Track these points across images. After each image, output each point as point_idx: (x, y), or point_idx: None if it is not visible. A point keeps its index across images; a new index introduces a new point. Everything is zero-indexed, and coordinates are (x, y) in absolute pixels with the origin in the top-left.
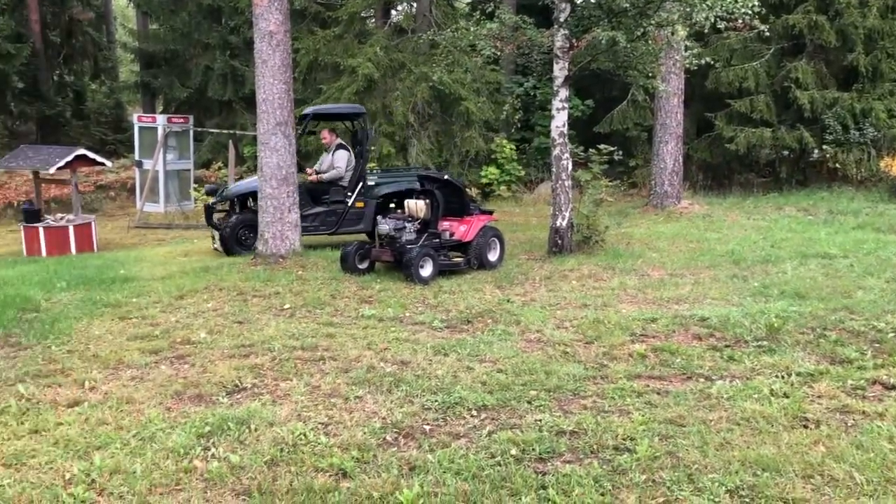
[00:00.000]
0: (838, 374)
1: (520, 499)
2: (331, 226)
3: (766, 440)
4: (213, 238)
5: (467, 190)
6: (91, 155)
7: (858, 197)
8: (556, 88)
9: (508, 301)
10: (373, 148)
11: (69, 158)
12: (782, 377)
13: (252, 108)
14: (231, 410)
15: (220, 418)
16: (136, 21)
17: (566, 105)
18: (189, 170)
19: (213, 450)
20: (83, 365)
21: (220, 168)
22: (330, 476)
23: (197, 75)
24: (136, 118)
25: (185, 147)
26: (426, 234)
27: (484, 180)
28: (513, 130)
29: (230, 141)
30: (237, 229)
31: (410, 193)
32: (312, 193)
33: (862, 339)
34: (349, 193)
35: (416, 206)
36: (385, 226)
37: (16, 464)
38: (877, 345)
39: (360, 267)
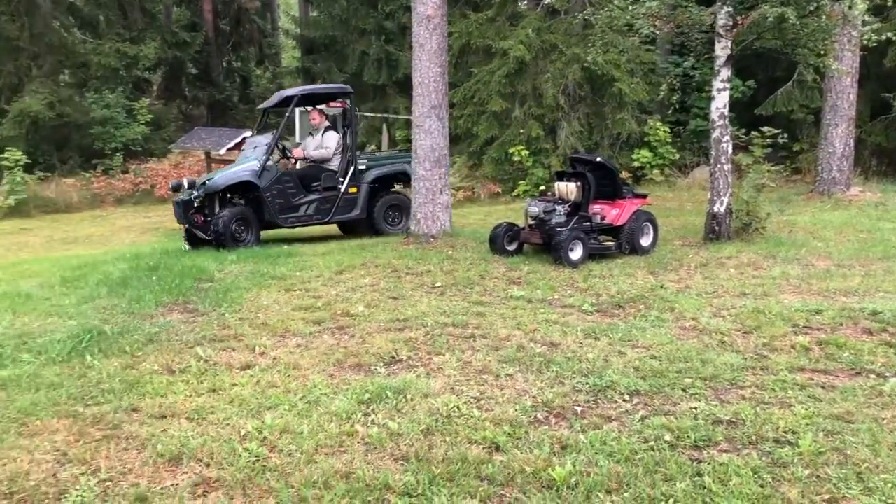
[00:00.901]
0: None
1: (674, 484)
2: (325, 214)
3: None
4: (185, 237)
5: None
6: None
7: None
8: (716, 68)
9: (662, 287)
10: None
11: (238, 140)
12: None
13: (404, 92)
14: (388, 380)
15: (379, 387)
16: (298, 8)
17: (727, 86)
18: None
19: (372, 416)
20: (253, 332)
21: (372, 150)
22: (483, 448)
23: (353, 60)
24: None
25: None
26: (576, 217)
27: (636, 164)
28: (668, 112)
29: (383, 124)
30: (231, 223)
31: (403, 177)
32: (303, 181)
33: None
34: (341, 179)
35: (567, 188)
36: (535, 208)
37: (197, 419)
38: None
39: (509, 249)
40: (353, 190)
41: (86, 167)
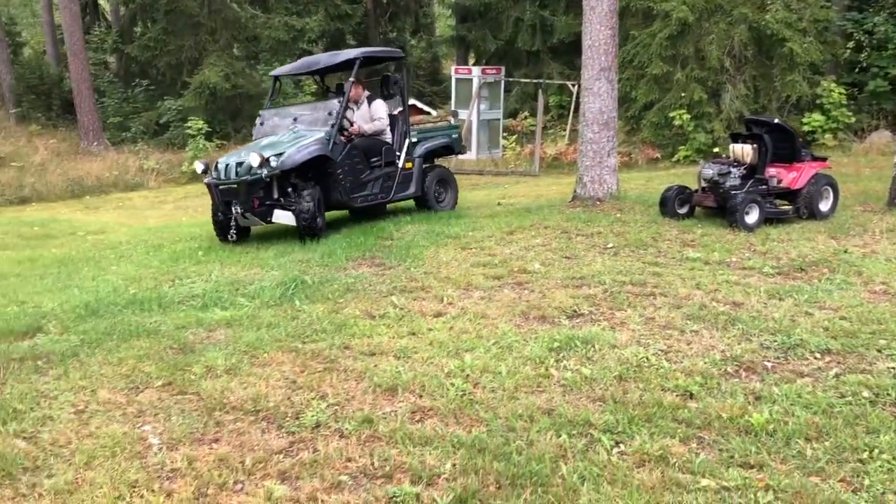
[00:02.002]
0: None
1: (877, 436)
2: (388, 192)
3: None
4: (233, 225)
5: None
6: (419, 105)
7: None
8: None
9: (846, 252)
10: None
11: (400, 108)
12: None
13: (558, 58)
14: (574, 331)
15: (567, 337)
16: None
17: None
18: (499, 119)
19: (564, 362)
20: (439, 284)
21: (526, 117)
22: (676, 395)
23: (508, 27)
24: (454, 70)
25: (496, 97)
26: (752, 181)
27: (806, 128)
28: (843, 73)
29: (539, 90)
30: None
31: (445, 151)
32: (367, 155)
33: None
34: (398, 153)
35: (743, 150)
36: (709, 170)
37: (403, 357)
38: None
39: (680, 212)
40: (409, 165)
41: None
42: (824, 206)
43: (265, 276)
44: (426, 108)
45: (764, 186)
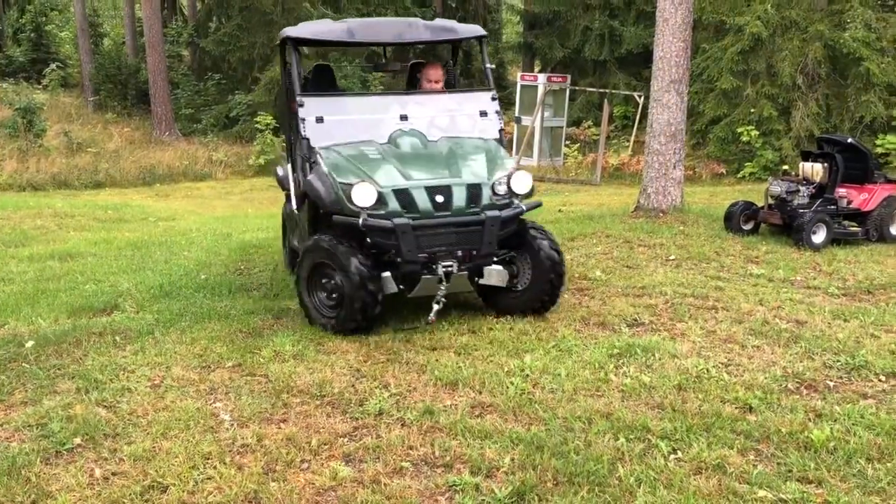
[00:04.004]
0: None
1: None
2: None
3: None
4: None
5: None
6: None
7: None
8: None
9: None
10: None
11: None
12: None
13: (625, 68)
14: (634, 339)
15: (627, 344)
16: None
17: None
18: (562, 127)
19: (623, 368)
20: None
21: (589, 126)
22: (736, 408)
23: (575, 35)
24: (520, 77)
25: (561, 105)
26: (821, 200)
27: (879, 150)
28: None
29: (605, 100)
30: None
31: None
32: None
33: None
34: None
35: (813, 169)
36: (777, 187)
37: (464, 353)
38: None
39: (745, 227)
40: None
41: None
42: (895, 229)
43: None
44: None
45: (833, 206)
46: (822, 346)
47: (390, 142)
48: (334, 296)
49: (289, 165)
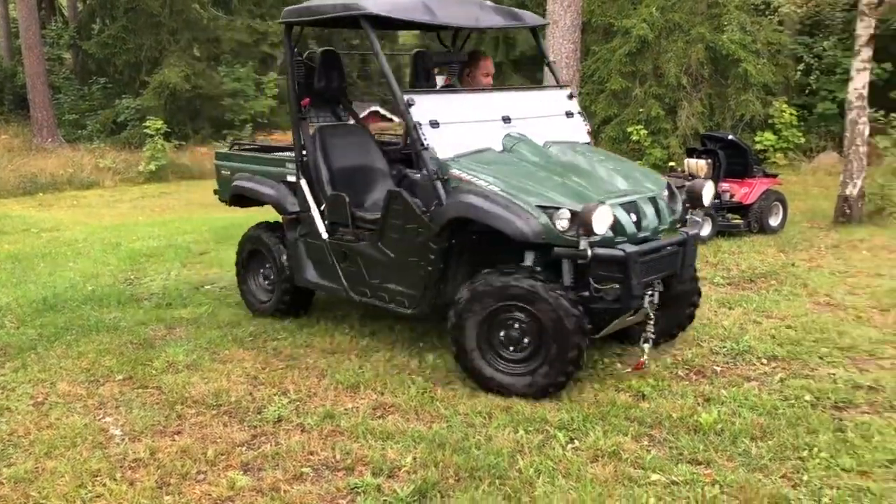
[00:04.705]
0: None
1: (817, 436)
2: None
3: None
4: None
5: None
6: (383, 111)
7: None
8: (857, 48)
9: (793, 265)
10: None
11: (365, 113)
12: None
13: (521, 70)
14: None
15: None
16: None
17: (867, 66)
18: None
19: None
20: None
21: None
22: (630, 396)
23: (471, 38)
24: None
25: None
26: None
27: (758, 146)
28: (793, 95)
29: None
30: None
31: None
32: None
33: None
34: None
35: (697, 165)
36: None
37: (365, 355)
38: None
39: None
40: None
41: (216, 137)
42: (774, 221)
43: (224, 276)
44: (390, 116)
45: (717, 200)
46: (709, 333)
47: (507, 150)
48: (526, 343)
49: (303, 182)
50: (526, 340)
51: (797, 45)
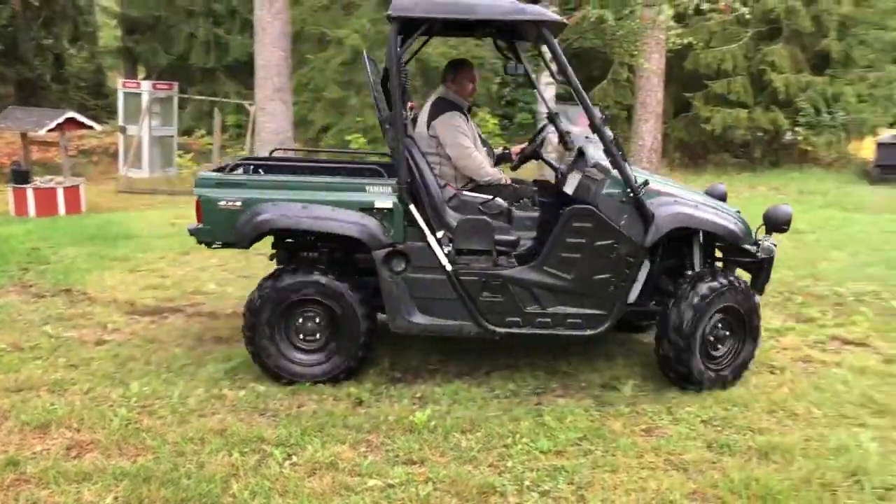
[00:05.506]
0: (803, 330)
1: (519, 423)
2: None
3: (737, 384)
4: None
5: None
6: (80, 118)
7: (827, 178)
8: (543, 65)
9: None
10: None
11: (60, 121)
12: None
13: (235, 77)
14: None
15: (243, 356)
16: None
17: (553, 81)
18: (173, 136)
19: (239, 381)
20: (103, 310)
21: (203, 135)
22: (348, 404)
23: (180, 42)
24: (121, 84)
25: (169, 114)
26: None
27: None
28: (495, 106)
29: (215, 109)
30: None
31: None
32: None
33: (825, 302)
34: None
35: None
36: None
37: (59, 390)
38: (837, 307)
39: None
40: None
41: None
42: None
43: None
44: (89, 123)
45: None
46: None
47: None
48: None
49: (413, 207)
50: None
51: (496, 60)
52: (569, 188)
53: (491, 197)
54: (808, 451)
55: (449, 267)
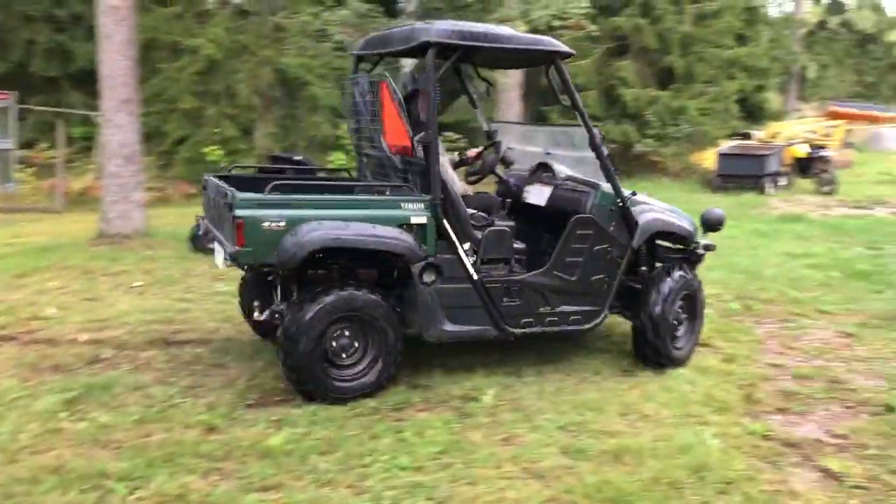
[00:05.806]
0: None
1: (379, 441)
2: None
3: (591, 388)
4: None
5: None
6: None
7: (674, 187)
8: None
9: None
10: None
11: None
12: (605, 337)
13: (80, 87)
14: (93, 378)
15: (85, 385)
16: None
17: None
18: (10, 150)
19: (80, 413)
20: None
21: (45, 148)
22: (199, 431)
23: (18, 49)
24: None
25: (6, 126)
26: None
27: (331, 165)
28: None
29: (58, 120)
30: None
31: None
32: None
33: None
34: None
35: None
36: None
37: None
38: None
39: (210, 246)
40: None
41: None
42: None
43: None
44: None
45: None
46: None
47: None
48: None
49: (446, 222)
50: None
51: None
52: (537, 199)
53: (474, 210)
54: (657, 452)
55: (476, 276)
